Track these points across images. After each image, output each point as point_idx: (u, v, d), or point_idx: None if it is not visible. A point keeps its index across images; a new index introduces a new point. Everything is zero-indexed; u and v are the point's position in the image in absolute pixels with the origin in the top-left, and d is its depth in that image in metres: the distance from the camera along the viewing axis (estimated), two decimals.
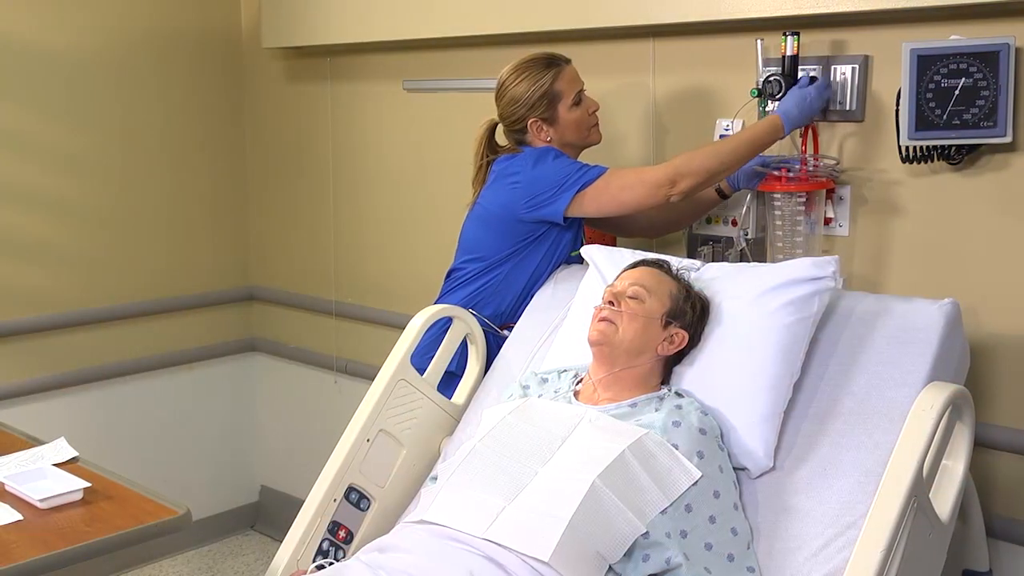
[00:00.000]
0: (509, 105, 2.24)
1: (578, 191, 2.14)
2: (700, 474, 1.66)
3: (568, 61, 2.25)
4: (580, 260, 2.29)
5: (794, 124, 2.07)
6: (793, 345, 1.80)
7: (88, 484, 1.78)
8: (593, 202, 2.15)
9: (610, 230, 2.44)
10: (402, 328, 2.12)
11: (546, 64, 2.22)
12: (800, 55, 2.08)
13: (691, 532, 1.63)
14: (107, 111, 3.10)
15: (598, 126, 2.28)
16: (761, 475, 1.76)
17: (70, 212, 3.05)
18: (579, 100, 2.23)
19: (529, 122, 2.22)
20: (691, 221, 2.38)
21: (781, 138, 2.09)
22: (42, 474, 1.83)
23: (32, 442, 2.05)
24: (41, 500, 1.72)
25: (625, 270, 1.95)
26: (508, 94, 2.23)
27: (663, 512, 1.62)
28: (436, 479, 1.86)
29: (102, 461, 1.99)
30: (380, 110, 3.05)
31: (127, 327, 3.22)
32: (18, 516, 1.68)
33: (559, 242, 2.25)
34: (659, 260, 1.97)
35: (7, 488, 1.78)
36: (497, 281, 2.26)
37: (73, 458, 1.95)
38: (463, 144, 2.82)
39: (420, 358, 2.14)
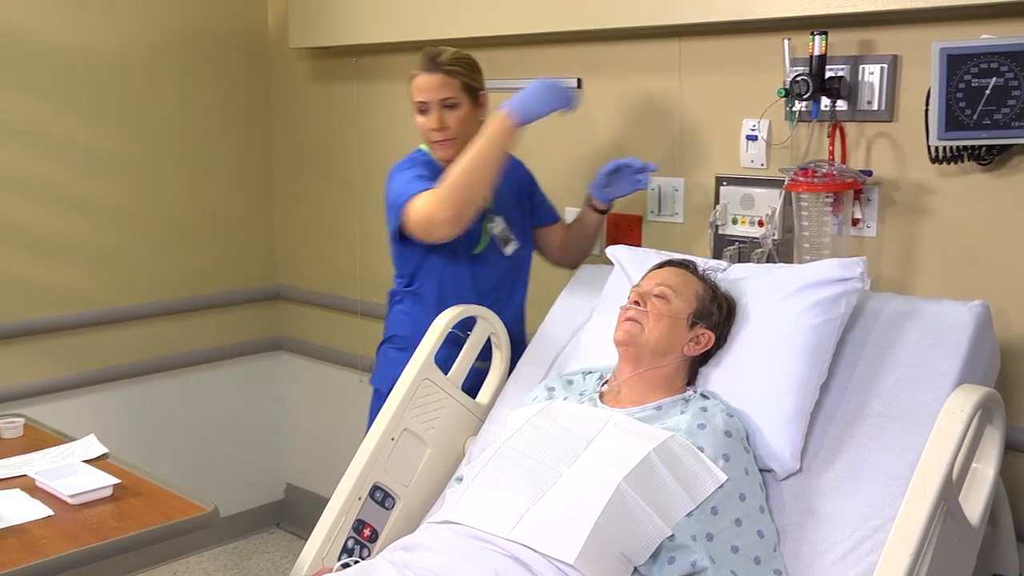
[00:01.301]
0: None
1: (399, 213, 2.11)
2: (726, 477, 1.66)
3: (434, 69, 2.18)
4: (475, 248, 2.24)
5: (519, 116, 2.05)
6: (820, 346, 1.79)
7: (118, 481, 1.79)
8: (409, 228, 2.10)
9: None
10: None
11: (418, 64, 2.20)
12: (828, 55, 2.06)
13: (717, 535, 1.62)
14: (134, 111, 3.12)
15: (443, 145, 2.20)
16: (787, 477, 1.75)
17: (97, 211, 3.08)
18: (422, 110, 2.21)
19: None
20: (587, 245, 2.40)
21: (517, 127, 2.05)
22: (72, 470, 1.84)
23: (63, 439, 2.07)
24: (72, 496, 1.74)
25: (651, 270, 1.95)
26: None
27: (689, 515, 1.61)
28: (461, 480, 1.86)
29: (130, 458, 2.01)
30: (406, 110, 3.02)
31: (154, 325, 3.24)
32: (49, 511, 1.70)
33: (450, 244, 2.15)
34: (685, 260, 1.97)
35: (38, 484, 1.80)
36: (418, 295, 2.26)
37: (103, 455, 1.97)
38: None
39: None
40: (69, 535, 1.62)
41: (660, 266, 1.96)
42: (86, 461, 1.91)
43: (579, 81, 2.59)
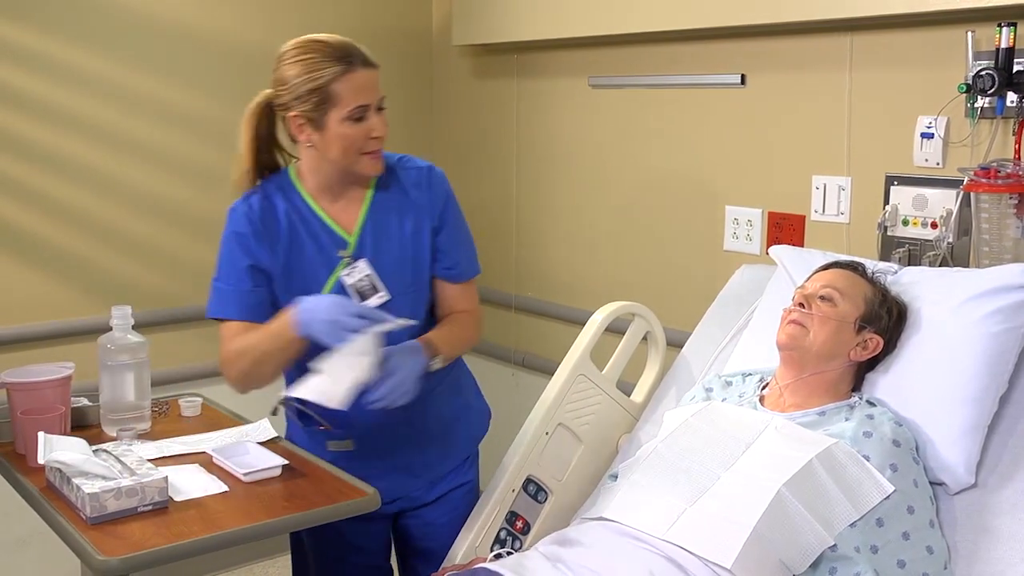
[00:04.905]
0: (277, 84, 1.82)
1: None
2: (893, 488, 1.59)
3: (371, 65, 1.80)
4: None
5: (302, 330, 1.72)
6: (1001, 356, 1.70)
7: (286, 462, 1.87)
8: None
9: None
10: (580, 324, 2.14)
11: (338, 56, 1.76)
12: (1016, 47, 1.95)
13: (882, 548, 1.56)
14: None
15: (378, 155, 1.82)
16: (960, 492, 1.67)
17: None
18: (361, 116, 1.79)
19: (291, 114, 1.80)
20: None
21: (296, 337, 1.75)
22: (245, 450, 1.94)
23: (238, 420, 2.18)
24: (245, 474, 1.83)
25: (817, 271, 1.89)
26: (279, 71, 1.81)
27: (852, 525, 1.56)
28: (615, 477, 1.86)
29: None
30: (565, 106, 3.07)
31: None
32: (224, 487, 1.79)
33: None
34: (853, 262, 1.90)
35: (214, 460, 1.90)
36: None
37: (273, 438, 2.07)
38: (648, 141, 2.81)
39: None
40: (243, 510, 1.71)
41: (826, 267, 1.90)
42: (258, 443, 2.00)
43: (743, 77, 2.53)
